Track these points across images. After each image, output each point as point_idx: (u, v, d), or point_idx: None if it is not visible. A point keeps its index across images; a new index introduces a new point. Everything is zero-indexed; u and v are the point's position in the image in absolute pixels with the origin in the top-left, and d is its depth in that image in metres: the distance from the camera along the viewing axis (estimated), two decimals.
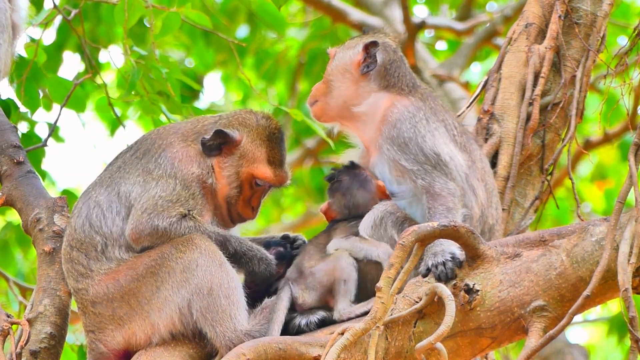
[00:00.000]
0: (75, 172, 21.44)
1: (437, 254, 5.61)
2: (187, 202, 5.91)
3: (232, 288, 5.77)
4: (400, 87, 6.14)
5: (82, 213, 5.98)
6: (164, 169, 5.98)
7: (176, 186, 5.94)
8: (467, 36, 12.84)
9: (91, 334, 5.91)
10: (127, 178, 5.99)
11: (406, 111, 6.04)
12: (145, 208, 5.86)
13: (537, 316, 5.44)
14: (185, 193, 5.93)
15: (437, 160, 5.93)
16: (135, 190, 5.93)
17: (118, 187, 5.97)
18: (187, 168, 6.01)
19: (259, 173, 6.11)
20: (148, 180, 5.96)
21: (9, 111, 7.17)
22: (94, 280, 5.88)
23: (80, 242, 5.94)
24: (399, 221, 5.86)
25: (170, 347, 5.81)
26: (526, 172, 6.57)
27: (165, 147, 6.07)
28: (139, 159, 6.06)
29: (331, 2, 12.34)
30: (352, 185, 6.06)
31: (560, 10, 6.62)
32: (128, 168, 6.04)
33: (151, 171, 5.98)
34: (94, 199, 5.99)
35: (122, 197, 5.95)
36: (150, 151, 6.07)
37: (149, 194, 5.90)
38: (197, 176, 6.00)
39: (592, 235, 5.45)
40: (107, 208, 5.94)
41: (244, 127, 6.13)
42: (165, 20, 7.55)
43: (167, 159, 6.02)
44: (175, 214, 5.86)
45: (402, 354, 5.56)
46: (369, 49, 6.15)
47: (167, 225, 5.84)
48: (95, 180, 6.11)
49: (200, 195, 5.97)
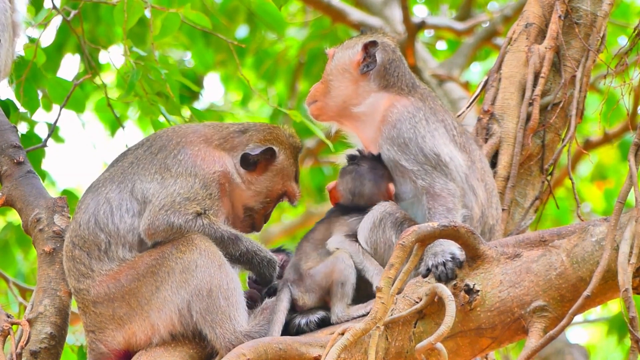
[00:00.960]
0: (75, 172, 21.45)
1: (437, 254, 5.61)
2: (204, 201, 5.92)
3: (232, 289, 5.77)
4: (400, 87, 6.14)
5: (90, 209, 5.97)
6: (185, 166, 5.98)
7: (195, 184, 5.94)
8: (467, 36, 12.83)
9: (91, 334, 5.90)
10: (143, 174, 5.98)
11: (406, 111, 6.04)
12: (162, 205, 5.86)
13: (537, 316, 5.44)
14: (203, 192, 5.93)
15: (437, 160, 5.93)
16: (152, 187, 5.92)
17: (132, 184, 5.96)
18: (210, 167, 6.01)
19: (291, 191, 6.20)
20: (166, 177, 5.95)
21: (8, 112, 7.16)
22: (95, 280, 5.87)
23: (83, 239, 5.93)
24: (398, 222, 5.86)
25: (171, 348, 5.81)
26: (526, 172, 6.57)
27: (185, 144, 6.06)
28: (154, 154, 6.04)
29: (331, 2, 12.34)
30: (366, 174, 6.03)
31: (560, 10, 6.61)
32: (142, 164, 6.02)
33: (169, 168, 5.98)
34: (104, 195, 5.97)
35: (136, 193, 5.94)
36: (167, 147, 6.06)
37: (167, 191, 5.90)
38: (219, 177, 6.01)
39: (592, 235, 5.44)
40: (117, 206, 5.93)
41: (279, 144, 6.18)
42: (165, 20, 7.55)
43: (189, 156, 6.02)
44: (192, 211, 5.87)
45: (403, 354, 5.56)
46: (369, 49, 6.14)
47: (183, 222, 5.85)
48: (105, 176, 6.08)
49: (218, 196, 5.98)
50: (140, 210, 5.92)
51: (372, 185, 6.02)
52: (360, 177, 6.05)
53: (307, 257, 5.94)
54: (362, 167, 6.06)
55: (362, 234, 5.88)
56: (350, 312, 5.73)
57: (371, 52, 6.13)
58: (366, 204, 5.97)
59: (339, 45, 6.29)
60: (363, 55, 6.15)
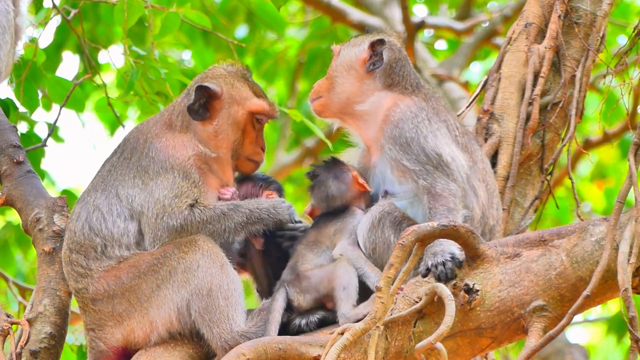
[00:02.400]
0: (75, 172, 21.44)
1: (436, 254, 5.61)
2: (191, 191, 5.91)
3: (232, 290, 5.77)
4: (404, 86, 6.14)
5: (82, 217, 5.98)
6: (159, 163, 5.97)
7: (176, 179, 5.93)
8: (467, 36, 12.83)
9: (91, 332, 5.91)
10: (123, 180, 5.98)
11: (409, 111, 6.03)
12: (156, 214, 5.87)
13: (537, 316, 5.43)
14: (186, 183, 5.92)
15: (439, 160, 5.92)
16: (137, 196, 5.92)
17: (116, 190, 5.96)
18: (183, 154, 6.00)
19: (255, 107, 6.12)
20: (146, 181, 5.95)
21: (8, 111, 7.16)
22: (94, 278, 5.88)
23: (79, 244, 5.94)
24: (397, 221, 5.85)
25: (170, 347, 5.81)
26: (526, 172, 6.57)
27: (151, 139, 6.05)
28: (128, 159, 6.04)
29: (331, 2, 12.34)
30: (326, 178, 6.07)
31: (560, 10, 6.61)
32: (120, 170, 6.02)
33: (146, 169, 5.97)
34: (92, 203, 5.98)
35: (122, 199, 5.95)
36: (137, 148, 6.05)
37: (153, 198, 5.90)
38: (194, 161, 5.99)
39: (592, 235, 5.44)
40: (107, 211, 5.94)
41: (217, 79, 6.14)
42: (165, 20, 7.55)
43: (159, 150, 6.01)
44: (185, 207, 5.87)
45: (402, 353, 5.56)
46: (376, 47, 6.14)
47: (182, 221, 5.85)
48: (88, 187, 6.10)
49: (201, 180, 5.96)
50: (132, 215, 5.92)
51: (336, 183, 6.06)
52: (323, 183, 6.08)
53: (304, 259, 5.95)
54: (321, 175, 6.11)
55: (360, 234, 5.88)
56: (357, 311, 5.70)
57: (378, 50, 6.13)
58: (344, 203, 6.02)
59: (345, 42, 6.29)
60: (370, 53, 6.15)
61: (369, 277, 5.79)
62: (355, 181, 6.04)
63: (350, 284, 5.77)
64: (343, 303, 5.73)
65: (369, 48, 6.15)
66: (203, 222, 5.87)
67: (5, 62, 6.78)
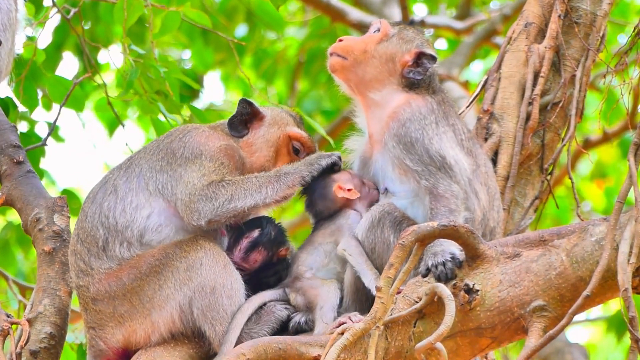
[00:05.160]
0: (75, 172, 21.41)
1: (436, 254, 5.61)
2: (218, 170, 5.90)
3: (235, 289, 5.79)
4: (423, 89, 6.09)
5: (97, 199, 5.97)
6: (190, 148, 5.97)
7: (202, 161, 5.92)
8: (466, 35, 12.83)
9: (92, 331, 5.91)
10: (150, 159, 5.98)
11: (418, 112, 6.00)
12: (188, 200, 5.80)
13: (537, 316, 5.44)
14: (213, 164, 5.91)
15: (442, 162, 5.91)
16: (164, 180, 5.91)
17: (140, 168, 5.96)
18: (214, 144, 6.01)
19: (294, 133, 6.18)
20: (173, 165, 5.93)
21: (7, 110, 7.16)
22: (94, 278, 5.88)
23: (86, 232, 5.92)
24: (396, 221, 5.85)
25: (170, 347, 5.81)
26: (526, 171, 6.57)
27: (190, 130, 6.09)
28: (160, 141, 6.07)
29: (330, 1, 12.33)
30: (311, 194, 6.07)
31: (560, 10, 6.61)
32: (149, 150, 6.04)
33: (175, 152, 5.97)
34: (111, 183, 5.97)
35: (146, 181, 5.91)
36: (173, 134, 6.09)
37: (183, 181, 5.87)
38: (225, 149, 6.00)
39: (592, 235, 5.44)
40: (123, 195, 5.91)
41: (267, 109, 6.24)
42: (165, 19, 7.54)
43: (193, 137, 6.02)
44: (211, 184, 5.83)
45: (402, 353, 5.56)
46: (422, 59, 6.09)
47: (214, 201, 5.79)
48: (115, 166, 6.11)
49: (229, 165, 5.96)
50: (147, 199, 5.89)
51: (321, 200, 6.04)
52: (310, 200, 6.08)
53: (299, 261, 5.99)
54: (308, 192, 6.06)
55: (360, 233, 5.88)
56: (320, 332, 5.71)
57: (424, 64, 6.08)
58: (336, 207, 6.03)
59: (396, 25, 6.19)
60: (414, 59, 6.10)
61: (366, 275, 5.79)
62: (340, 191, 6.01)
63: (327, 304, 5.80)
64: (317, 322, 5.76)
65: (415, 55, 6.10)
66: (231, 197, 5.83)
67: (5, 61, 6.79)
